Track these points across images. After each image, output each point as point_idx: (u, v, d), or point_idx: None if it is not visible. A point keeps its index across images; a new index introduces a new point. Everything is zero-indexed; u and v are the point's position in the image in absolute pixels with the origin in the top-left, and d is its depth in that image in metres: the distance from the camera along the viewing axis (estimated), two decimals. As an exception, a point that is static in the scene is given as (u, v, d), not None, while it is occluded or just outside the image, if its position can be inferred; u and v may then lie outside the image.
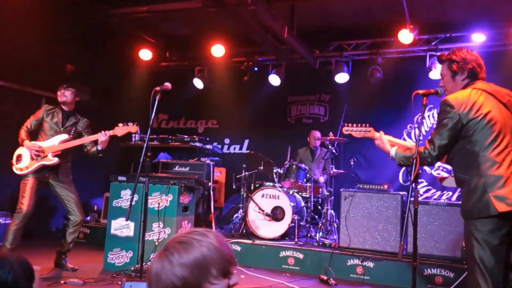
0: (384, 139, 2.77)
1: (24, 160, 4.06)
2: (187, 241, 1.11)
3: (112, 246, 4.39)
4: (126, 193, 4.44)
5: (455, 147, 2.40)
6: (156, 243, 4.21)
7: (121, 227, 4.39)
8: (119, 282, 3.80)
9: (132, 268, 4.06)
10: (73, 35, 6.44)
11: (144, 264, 3.63)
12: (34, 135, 4.21)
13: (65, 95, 4.22)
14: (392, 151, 2.63)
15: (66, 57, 6.65)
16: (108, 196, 4.78)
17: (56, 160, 4.06)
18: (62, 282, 3.79)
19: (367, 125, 2.95)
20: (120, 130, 4.00)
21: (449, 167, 2.63)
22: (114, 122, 6.98)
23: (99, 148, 4.11)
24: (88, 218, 5.86)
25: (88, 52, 6.76)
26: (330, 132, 5.38)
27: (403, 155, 2.56)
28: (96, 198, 6.08)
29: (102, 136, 4.01)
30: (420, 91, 2.55)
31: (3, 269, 1.32)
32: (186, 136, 6.04)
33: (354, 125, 2.99)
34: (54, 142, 4.11)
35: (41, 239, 5.36)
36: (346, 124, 3.03)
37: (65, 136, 4.15)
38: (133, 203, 3.68)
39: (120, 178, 4.50)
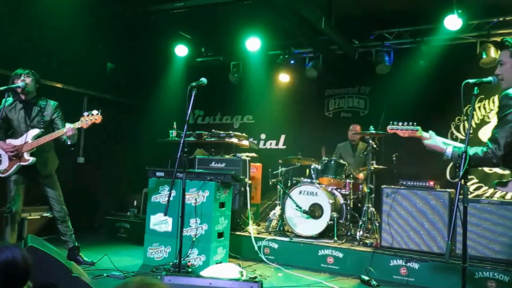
0: (436, 138, 2.58)
1: (4, 162, 3.94)
2: None
3: (152, 241, 4.45)
4: (164, 189, 4.48)
5: None
6: (194, 239, 4.21)
7: (160, 222, 4.44)
8: (159, 277, 3.85)
9: (171, 264, 4.10)
10: (111, 33, 6.59)
11: (182, 259, 3.64)
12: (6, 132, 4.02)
13: (27, 82, 3.90)
14: (448, 151, 2.44)
15: (106, 55, 6.82)
16: (147, 192, 4.85)
17: (32, 159, 3.91)
18: (104, 275, 3.89)
19: (414, 123, 2.75)
20: (85, 122, 3.83)
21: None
22: (151, 118, 7.21)
23: (68, 142, 3.93)
24: (128, 213, 6.00)
25: (126, 49, 6.89)
26: (371, 126, 5.14)
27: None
28: (135, 194, 6.21)
29: (69, 131, 3.81)
30: (471, 80, 2.40)
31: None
32: (222, 132, 6.02)
33: (400, 123, 2.79)
34: (28, 139, 3.92)
35: (84, 233, 5.50)
36: (391, 122, 2.82)
37: (36, 131, 3.95)
38: (171, 198, 3.70)
39: (158, 173, 4.54)
